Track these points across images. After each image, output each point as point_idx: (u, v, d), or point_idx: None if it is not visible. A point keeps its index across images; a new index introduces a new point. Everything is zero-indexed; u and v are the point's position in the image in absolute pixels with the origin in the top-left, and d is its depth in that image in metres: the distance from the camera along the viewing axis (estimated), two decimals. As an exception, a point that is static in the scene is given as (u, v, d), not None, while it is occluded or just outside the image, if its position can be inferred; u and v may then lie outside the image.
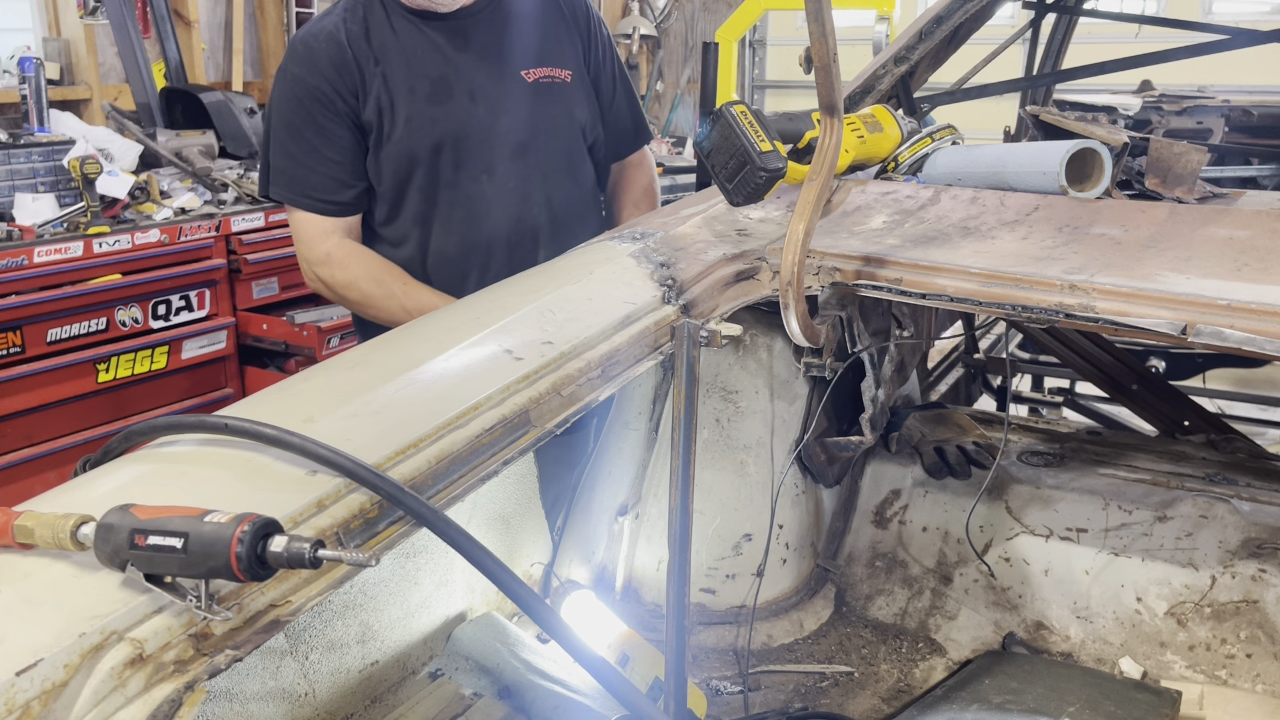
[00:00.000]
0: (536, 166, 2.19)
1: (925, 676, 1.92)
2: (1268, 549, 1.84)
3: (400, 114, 2.09)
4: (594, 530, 2.05)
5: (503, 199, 2.17)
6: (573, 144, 2.25)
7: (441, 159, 2.12)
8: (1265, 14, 8.38)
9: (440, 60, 2.11)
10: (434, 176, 2.14)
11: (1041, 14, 3.43)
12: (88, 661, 0.87)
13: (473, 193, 2.16)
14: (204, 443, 1.14)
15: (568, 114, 2.22)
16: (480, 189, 2.16)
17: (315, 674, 1.46)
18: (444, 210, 2.17)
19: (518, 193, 2.18)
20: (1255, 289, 1.43)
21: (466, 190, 2.16)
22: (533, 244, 2.21)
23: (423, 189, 2.15)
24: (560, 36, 2.22)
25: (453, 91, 2.11)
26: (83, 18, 5.23)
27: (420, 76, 2.10)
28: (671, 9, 10.02)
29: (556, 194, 2.19)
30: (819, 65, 1.37)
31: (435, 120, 2.10)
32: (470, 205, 2.16)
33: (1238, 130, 3.54)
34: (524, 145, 2.17)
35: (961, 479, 2.08)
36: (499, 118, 2.14)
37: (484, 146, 2.13)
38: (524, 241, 2.20)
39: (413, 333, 1.54)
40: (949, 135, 2.03)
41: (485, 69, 2.13)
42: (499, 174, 2.16)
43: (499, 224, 2.17)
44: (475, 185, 2.16)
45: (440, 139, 2.11)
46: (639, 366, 1.53)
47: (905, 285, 1.62)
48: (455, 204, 2.16)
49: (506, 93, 2.14)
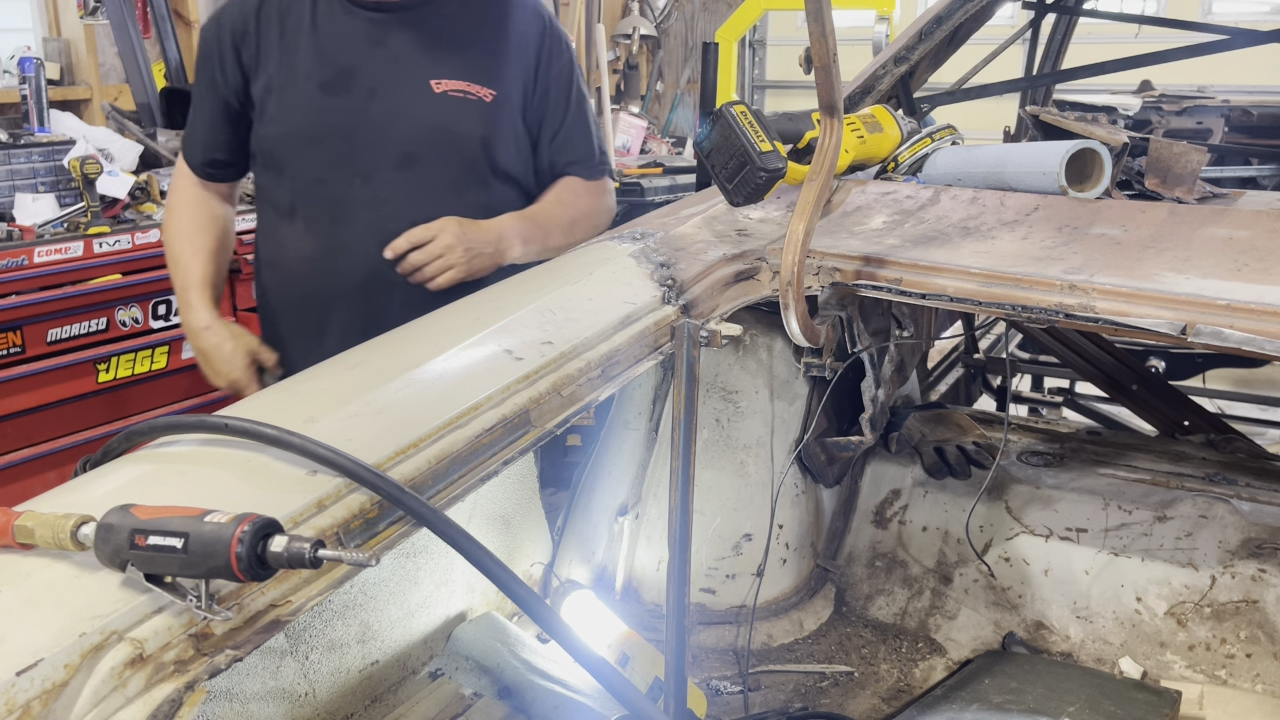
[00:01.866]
0: (421, 181, 2.01)
1: (925, 676, 1.92)
2: (1268, 549, 1.84)
3: (289, 96, 1.98)
4: (594, 530, 2.05)
5: (373, 209, 2.00)
6: (471, 165, 2.05)
7: (319, 152, 1.99)
8: (1265, 14, 8.38)
9: (353, 51, 1.99)
10: (305, 170, 2.01)
11: (1041, 14, 3.43)
12: (88, 661, 0.87)
13: (341, 195, 2.01)
14: (204, 443, 1.15)
15: (471, 132, 2.03)
16: (350, 193, 2.00)
17: (315, 674, 1.46)
18: (309, 209, 2.03)
19: (391, 205, 2.00)
20: (1255, 289, 1.43)
21: (335, 191, 2.01)
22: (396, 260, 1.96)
23: (294, 181, 2.03)
24: (498, 54, 2.06)
25: (353, 85, 1.98)
26: (83, 18, 5.22)
27: (325, 63, 1.98)
28: (671, 9, 10.02)
29: (437, 213, 1.96)
30: (819, 65, 1.37)
31: (324, 110, 1.98)
32: (335, 209, 2.01)
33: (1238, 130, 3.54)
34: (411, 156, 2.00)
35: (961, 479, 2.08)
36: (393, 123, 1.99)
37: (369, 149, 1.99)
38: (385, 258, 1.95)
39: (413, 333, 1.54)
40: (949, 135, 2.03)
41: (396, 70, 2.00)
42: (376, 181, 2.00)
43: (361, 234, 1.99)
44: (346, 188, 2.00)
45: (324, 132, 1.99)
46: (639, 366, 1.53)
47: (905, 285, 1.62)
48: (321, 203, 2.02)
49: (409, 99, 1.99)
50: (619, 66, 9.83)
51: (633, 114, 8.95)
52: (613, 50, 9.56)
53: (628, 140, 8.38)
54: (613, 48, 9.56)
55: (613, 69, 9.58)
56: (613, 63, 9.56)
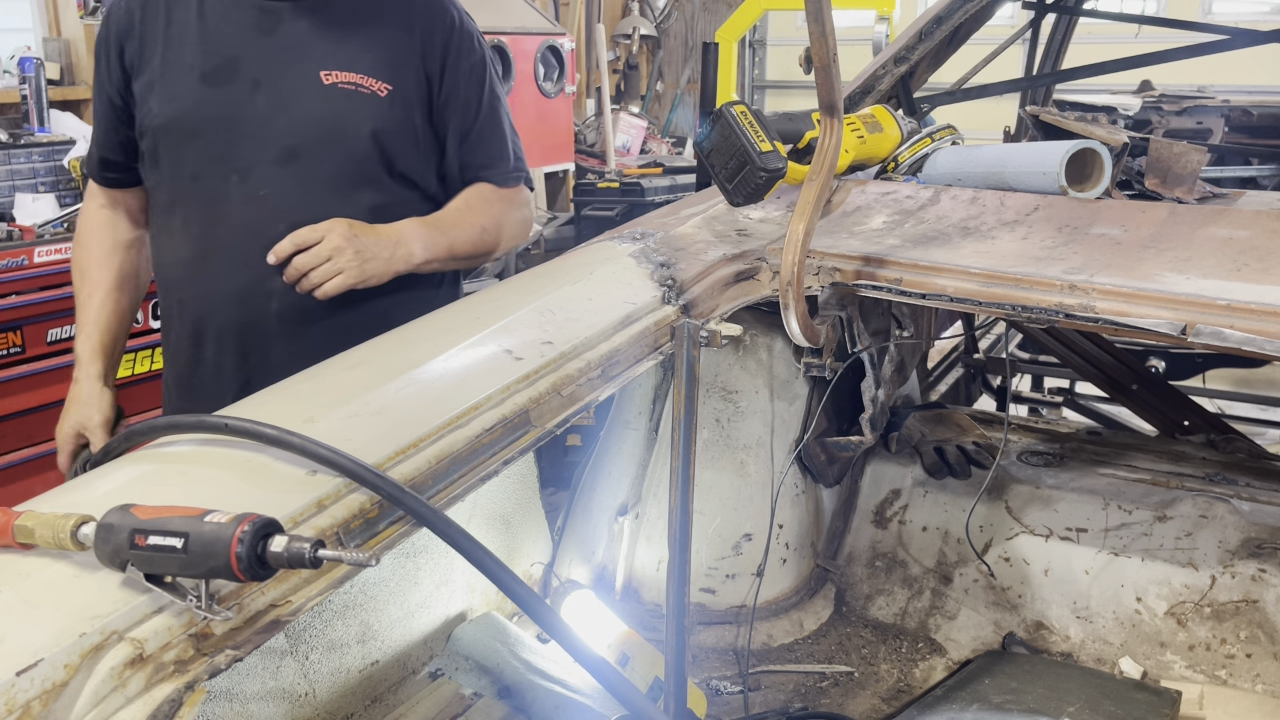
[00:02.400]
0: (302, 178, 1.86)
1: (925, 676, 1.92)
2: (1268, 549, 1.84)
3: (169, 88, 1.86)
4: (594, 530, 2.05)
5: (250, 207, 1.85)
6: (359, 161, 1.90)
7: (195, 146, 1.86)
8: (1265, 14, 8.39)
9: (239, 41, 1.87)
10: (182, 165, 1.88)
11: (1041, 14, 3.43)
12: (88, 661, 0.87)
13: (216, 192, 1.86)
14: (204, 443, 1.15)
15: (360, 126, 1.88)
16: (225, 189, 1.86)
17: (315, 674, 1.46)
18: (186, 208, 1.89)
19: (270, 203, 1.85)
20: (1255, 289, 1.43)
21: (209, 188, 1.87)
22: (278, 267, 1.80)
23: (172, 178, 1.89)
24: (397, 47, 1.92)
25: (237, 76, 1.85)
26: (83, 18, 5.22)
27: (210, 54, 1.86)
28: (671, 9, 10.02)
29: (321, 214, 1.81)
30: (819, 65, 1.37)
31: (203, 102, 1.85)
32: (212, 207, 1.87)
33: (1238, 130, 3.54)
34: (294, 150, 1.86)
35: (961, 479, 2.08)
36: (277, 115, 1.85)
37: (248, 143, 1.85)
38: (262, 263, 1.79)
39: (413, 333, 1.54)
40: (949, 135, 2.03)
41: (282, 61, 1.86)
42: (254, 177, 1.86)
43: (237, 235, 1.84)
44: (222, 184, 1.86)
45: (201, 124, 1.85)
46: (639, 366, 1.53)
47: (905, 285, 1.62)
48: (197, 201, 1.88)
49: (295, 90, 1.85)
50: (619, 66, 9.83)
51: (633, 114, 8.97)
52: (613, 50, 9.56)
53: (628, 140, 8.39)
54: (613, 48, 9.56)
55: (613, 69, 9.58)
56: (613, 63, 9.56)
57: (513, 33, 6.63)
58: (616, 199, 5.29)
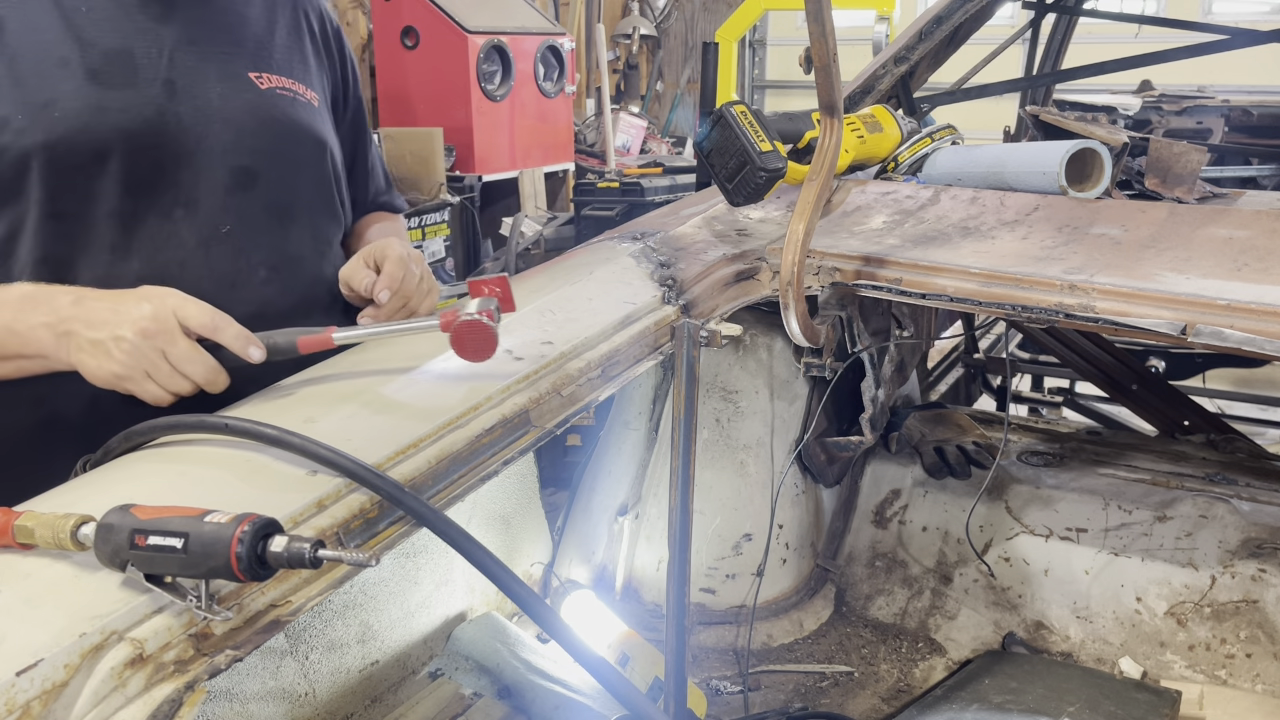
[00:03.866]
0: (268, 208, 1.48)
1: (925, 676, 1.92)
2: (1268, 549, 1.84)
3: (35, 89, 1.33)
4: (594, 530, 2.05)
5: (210, 251, 1.42)
6: (321, 187, 1.56)
7: (105, 173, 1.35)
8: (1265, 14, 8.39)
9: (124, 27, 1.39)
10: (90, 199, 1.36)
11: (1041, 14, 3.43)
12: (88, 662, 0.87)
13: (156, 234, 1.39)
14: (204, 443, 1.14)
15: (319, 145, 1.54)
16: (173, 229, 1.40)
17: (315, 674, 1.46)
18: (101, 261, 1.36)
19: (233, 244, 1.44)
20: (1255, 289, 1.43)
21: (151, 230, 1.39)
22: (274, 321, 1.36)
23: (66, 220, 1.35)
24: (304, 51, 1.58)
25: (136, 75, 1.38)
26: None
27: (85, 43, 1.36)
28: (671, 9, 10.03)
29: (298, 252, 1.51)
30: (819, 65, 1.37)
31: (103, 110, 1.35)
32: (152, 254, 1.39)
33: (1238, 130, 3.55)
34: (249, 173, 1.45)
35: (961, 479, 2.08)
36: (211, 125, 1.42)
37: (185, 165, 1.40)
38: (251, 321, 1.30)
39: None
40: (949, 135, 2.03)
41: (195, 54, 1.43)
42: (204, 210, 1.41)
43: (200, 287, 1.30)
44: (162, 223, 1.39)
45: (108, 140, 1.35)
46: (639, 366, 1.53)
47: (905, 285, 1.62)
48: (132, 250, 1.38)
49: (225, 93, 1.44)
50: (619, 66, 9.84)
51: (633, 114, 8.97)
52: (613, 50, 9.56)
53: (628, 140, 8.39)
54: (613, 48, 9.57)
55: (613, 69, 9.58)
56: (613, 63, 9.57)
57: (513, 33, 6.63)
58: (616, 199, 5.29)
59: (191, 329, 1.22)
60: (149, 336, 1.18)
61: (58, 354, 1.21)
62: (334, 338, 1.30)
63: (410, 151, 5.93)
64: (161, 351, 1.19)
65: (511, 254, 5.54)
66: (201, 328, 1.22)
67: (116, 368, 1.19)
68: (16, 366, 1.25)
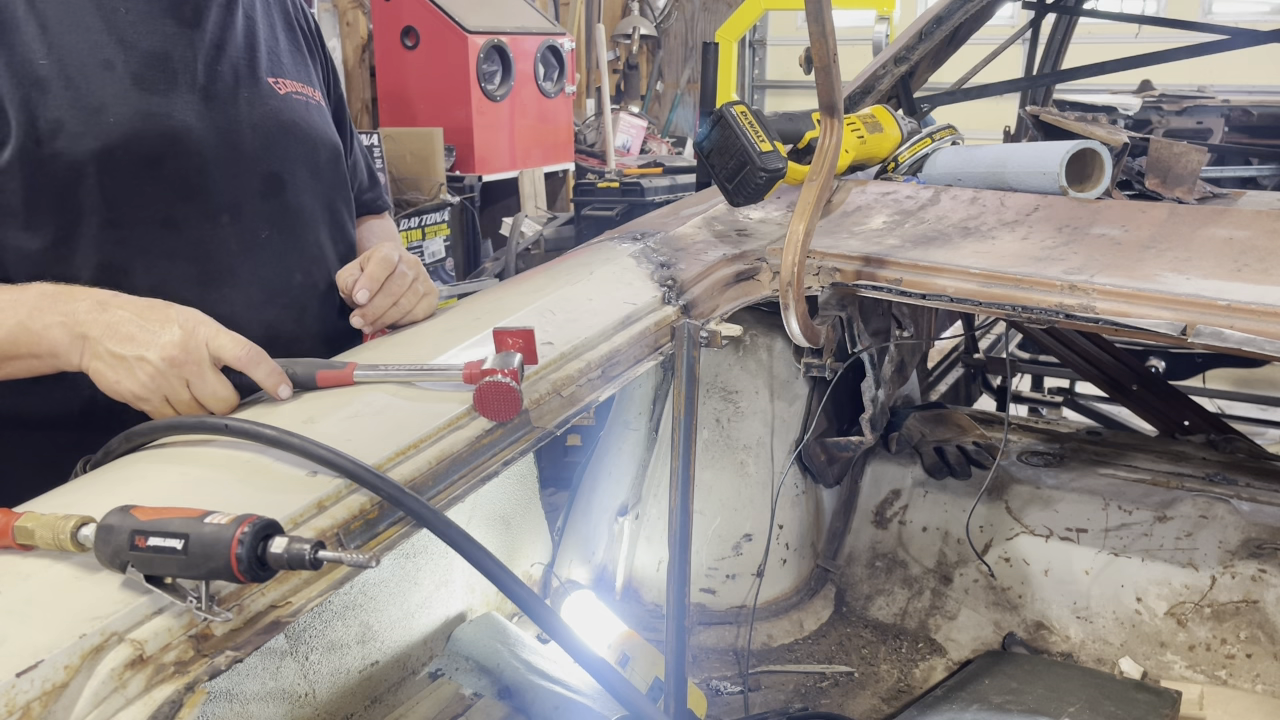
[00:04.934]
0: (298, 213, 1.50)
1: (925, 676, 1.92)
2: (1268, 549, 1.84)
3: (84, 94, 1.30)
4: (594, 530, 2.05)
5: (251, 257, 1.43)
6: (338, 190, 1.58)
7: (157, 179, 1.35)
8: (1265, 14, 8.39)
9: (161, 30, 1.38)
10: (144, 206, 1.34)
11: (1041, 14, 3.43)
12: (88, 663, 0.87)
13: (204, 240, 1.39)
14: (204, 443, 1.14)
15: (334, 149, 1.56)
16: (216, 235, 1.39)
17: (315, 674, 1.46)
18: (150, 264, 1.35)
19: (272, 249, 1.45)
20: (1255, 289, 1.43)
21: (202, 235, 1.38)
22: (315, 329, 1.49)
23: (122, 228, 1.33)
24: (302, 50, 1.59)
25: (175, 80, 1.37)
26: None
27: (128, 46, 1.34)
28: (671, 9, 10.03)
29: (323, 256, 1.52)
30: (819, 65, 1.37)
31: (150, 115, 1.34)
32: (202, 261, 1.39)
33: (1238, 130, 3.55)
34: (277, 179, 1.46)
35: (961, 479, 2.08)
36: (242, 131, 1.42)
37: (223, 171, 1.40)
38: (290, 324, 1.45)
39: (412, 334, 1.54)
40: (949, 135, 2.03)
41: (220, 61, 1.43)
42: (246, 216, 1.42)
43: (245, 295, 1.40)
44: (210, 229, 1.39)
45: (157, 146, 1.34)
46: (639, 367, 1.53)
47: (905, 285, 1.62)
48: (185, 256, 1.37)
49: (251, 99, 1.45)
50: (619, 66, 9.84)
51: (633, 114, 8.97)
52: (613, 50, 9.56)
53: (628, 140, 8.39)
54: (613, 48, 9.57)
55: (613, 69, 9.58)
56: (613, 63, 9.57)
57: (513, 33, 6.63)
58: (616, 199, 5.28)
59: (224, 361, 1.20)
60: (176, 365, 1.17)
61: (69, 355, 1.19)
62: (355, 376, 1.29)
63: (410, 151, 5.93)
64: (186, 382, 1.18)
65: (511, 254, 5.54)
66: (236, 361, 1.20)
67: (136, 388, 1.17)
68: (27, 366, 1.23)
